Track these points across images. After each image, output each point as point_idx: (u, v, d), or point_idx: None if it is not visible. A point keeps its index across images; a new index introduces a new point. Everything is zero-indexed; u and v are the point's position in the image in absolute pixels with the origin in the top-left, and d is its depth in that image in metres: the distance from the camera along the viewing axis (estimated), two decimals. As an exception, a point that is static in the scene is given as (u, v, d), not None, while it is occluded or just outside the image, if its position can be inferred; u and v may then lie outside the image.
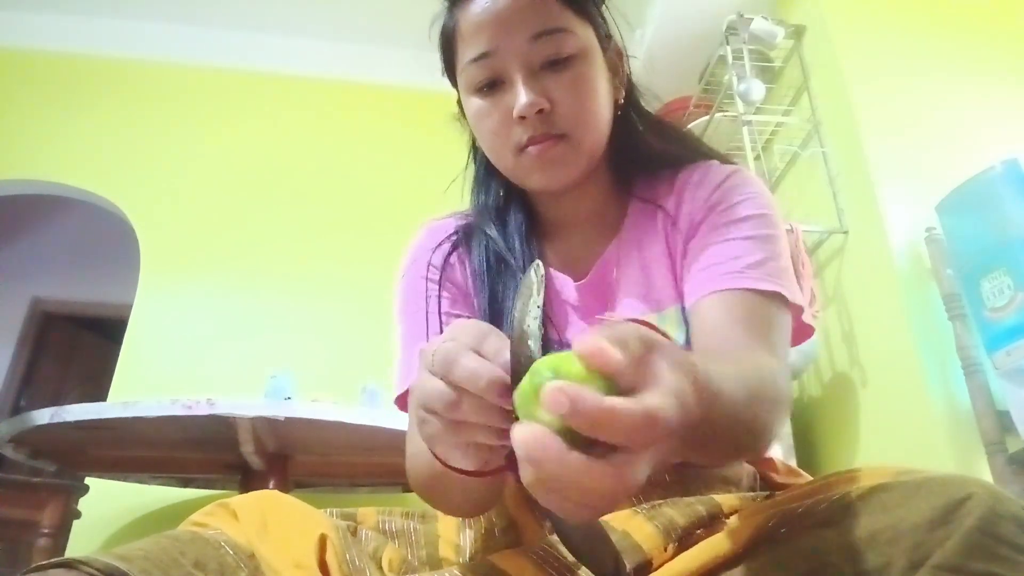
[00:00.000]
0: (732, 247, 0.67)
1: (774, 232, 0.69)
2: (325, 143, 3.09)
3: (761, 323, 0.63)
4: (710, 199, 0.72)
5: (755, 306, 0.64)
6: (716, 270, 0.66)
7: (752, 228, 0.68)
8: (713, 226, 0.70)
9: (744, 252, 0.66)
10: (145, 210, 2.83)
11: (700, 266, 0.68)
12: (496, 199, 0.80)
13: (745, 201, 0.70)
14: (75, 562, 0.44)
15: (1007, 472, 1.56)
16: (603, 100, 0.72)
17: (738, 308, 0.63)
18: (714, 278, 0.66)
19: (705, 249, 0.68)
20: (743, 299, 0.64)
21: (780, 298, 0.65)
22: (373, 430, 1.72)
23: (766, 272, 0.65)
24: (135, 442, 1.88)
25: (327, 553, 0.52)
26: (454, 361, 0.38)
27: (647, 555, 0.51)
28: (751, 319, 0.63)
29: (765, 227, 0.69)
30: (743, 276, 0.65)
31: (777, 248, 0.68)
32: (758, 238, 0.67)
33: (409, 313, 0.76)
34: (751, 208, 0.70)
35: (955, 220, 1.79)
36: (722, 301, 0.64)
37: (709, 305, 0.64)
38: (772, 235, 0.68)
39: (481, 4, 0.69)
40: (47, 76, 3.04)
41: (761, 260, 0.66)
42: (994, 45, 2.26)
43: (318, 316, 2.71)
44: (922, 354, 1.78)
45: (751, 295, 0.64)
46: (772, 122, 2.41)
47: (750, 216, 0.69)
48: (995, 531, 0.39)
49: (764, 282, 0.64)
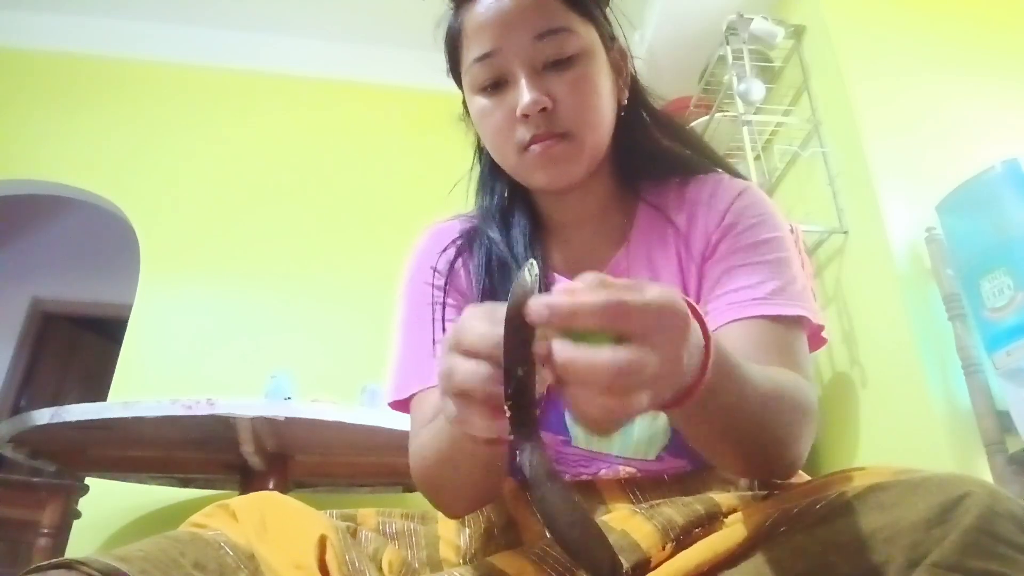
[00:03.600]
0: (752, 272, 0.68)
1: (790, 254, 0.70)
2: (325, 143, 3.09)
3: (785, 349, 0.64)
4: (723, 221, 0.72)
5: (778, 333, 0.65)
6: (737, 296, 0.66)
7: (770, 251, 0.69)
8: (730, 250, 0.70)
9: (765, 277, 0.67)
10: (145, 210, 2.83)
11: (720, 292, 0.68)
12: (500, 200, 0.80)
13: (760, 223, 0.71)
14: (75, 563, 0.45)
15: (1007, 472, 1.56)
16: (606, 100, 0.73)
17: (762, 335, 0.64)
18: (736, 306, 0.66)
19: (724, 275, 0.69)
20: (767, 327, 0.64)
21: (802, 321, 0.66)
22: (373, 430, 1.72)
23: (788, 297, 0.66)
24: (135, 442, 1.88)
25: (327, 554, 0.52)
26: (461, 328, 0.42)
27: (645, 554, 0.51)
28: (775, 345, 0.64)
29: (782, 249, 0.69)
30: (767, 303, 0.65)
31: (795, 270, 0.69)
32: (777, 262, 0.68)
33: (411, 319, 0.76)
34: (767, 230, 0.70)
35: (955, 220, 1.79)
36: (745, 329, 0.64)
37: (732, 334, 0.65)
38: (789, 257, 0.69)
39: (485, 4, 0.70)
40: (47, 76, 3.04)
41: (782, 286, 0.66)
42: (994, 45, 2.26)
43: (318, 316, 2.71)
44: (922, 354, 1.78)
45: (774, 322, 0.65)
46: (772, 122, 2.41)
47: (767, 239, 0.70)
48: (993, 529, 0.39)
49: (788, 307, 0.65)
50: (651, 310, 0.37)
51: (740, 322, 0.65)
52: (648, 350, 0.36)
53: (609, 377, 0.35)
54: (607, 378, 0.36)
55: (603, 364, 0.36)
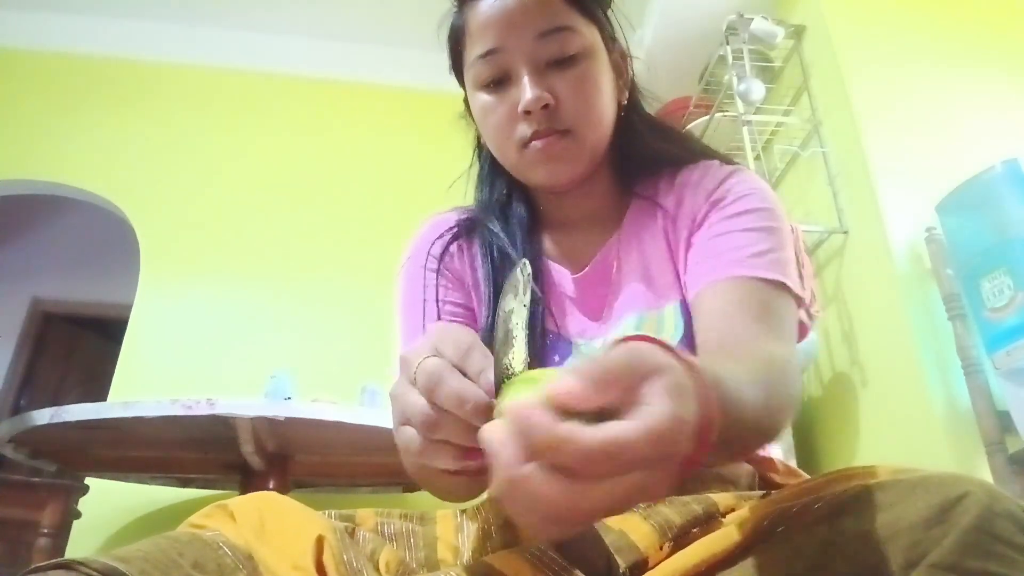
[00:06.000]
0: (735, 238, 0.68)
1: (777, 225, 0.69)
2: (326, 143, 3.09)
3: (766, 310, 0.63)
4: (712, 196, 0.72)
5: (760, 294, 0.64)
6: (719, 260, 0.67)
7: (755, 220, 0.69)
8: (716, 220, 0.70)
9: (747, 243, 0.67)
10: (145, 210, 2.83)
11: (702, 256, 0.68)
12: (500, 195, 0.81)
13: (748, 196, 0.71)
14: (74, 563, 0.44)
15: (1007, 472, 1.56)
16: (606, 99, 0.73)
17: (743, 295, 0.63)
18: (717, 267, 0.66)
19: (708, 241, 0.69)
20: (747, 287, 0.64)
21: (784, 288, 0.65)
22: (373, 430, 1.72)
23: (769, 261, 0.66)
24: (135, 442, 1.88)
25: (324, 554, 0.52)
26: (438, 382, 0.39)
27: (643, 554, 0.51)
28: (756, 306, 0.63)
29: (768, 220, 0.69)
30: (746, 264, 0.65)
31: (780, 240, 0.68)
32: (761, 229, 0.68)
33: (408, 304, 0.78)
34: (754, 202, 0.70)
35: (955, 220, 1.79)
36: (726, 289, 0.64)
37: (713, 293, 0.65)
38: (775, 227, 0.69)
39: (489, 3, 0.71)
40: (47, 76, 3.04)
41: (764, 250, 0.66)
42: (994, 45, 2.26)
43: (318, 316, 2.71)
44: (922, 354, 1.78)
45: (755, 283, 0.64)
46: (772, 122, 2.41)
47: (753, 209, 0.70)
48: (992, 529, 0.39)
49: (768, 271, 0.65)
50: (642, 452, 0.30)
51: (719, 283, 0.65)
52: (638, 475, 0.31)
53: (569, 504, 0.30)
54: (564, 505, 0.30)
55: None
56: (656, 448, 0.30)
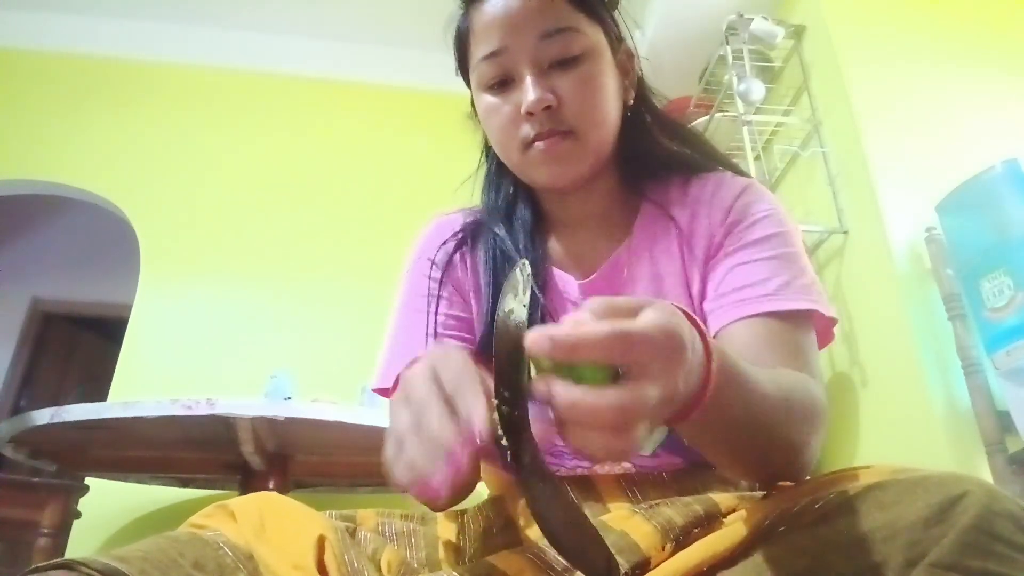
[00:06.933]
0: (758, 269, 0.67)
1: (796, 249, 0.70)
2: (325, 143, 3.09)
3: (793, 347, 0.63)
4: (727, 219, 0.72)
5: (786, 330, 0.64)
6: (743, 294, 0.66)
7: (775, 247, 0.69)
8: (734, 248, 0.70)
9: (772, 273, 0.67)
10: (145, 210, 2.82)
11: (725, 291, 0.68)
12: (506, 198, 0.81)
13: (764, 219, 0.71)
14: (74, 563, 0.44)
15: (1007, 472, 1.56)
16: (611, 99, 0.73)
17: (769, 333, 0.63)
18: (742, 304, 0.66)
19: (729, 272, 0.69)
20: (774, 324, 0.64)
21: (811, 316, 0.66)
22: (373, 430, 1.72)
23: (796, 291, 0.66)
24: (135, 442, 1.88)
25: (325, 554, 0.52)
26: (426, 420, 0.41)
27: (645, 554, 0.51)
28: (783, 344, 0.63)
29: (787, 244, 0.69)
30: (774, 299, 0.65)
31: (801, 264, 0.69)
32: (783, 257, 0.68)
33: (405, 308, 0.78)
34: (771, 226, 0.70)
35: (955, 220, 1.79)
36: (751, 327, 0.64)
37: (738, 332, 0.64)
38: (795, 252, 0.69)
39: (493, 4, 0.72)
40: (47, 76, 3.04)
41: (788, 280, 0.66)
42: (994, 45, 2.26)
43: (318, 316, 2.71)
44: (922, 354, 1.78)
45: (782, 319, 0.64)
46: (772, 122, 2.41)
47: (772, 235, 0.70)
48: (991, 529, 0.39)
49: (797, 301, 0.65)
50: (653, 340, 0.36)
51: (746, 320, 0.65)
52: (648, 383, 0.36)
53: (612, 419, 0.35)
54: (610, 420, 0.35)
55: (606, 407, 0.35)
56: (660, 337, 0.37)
